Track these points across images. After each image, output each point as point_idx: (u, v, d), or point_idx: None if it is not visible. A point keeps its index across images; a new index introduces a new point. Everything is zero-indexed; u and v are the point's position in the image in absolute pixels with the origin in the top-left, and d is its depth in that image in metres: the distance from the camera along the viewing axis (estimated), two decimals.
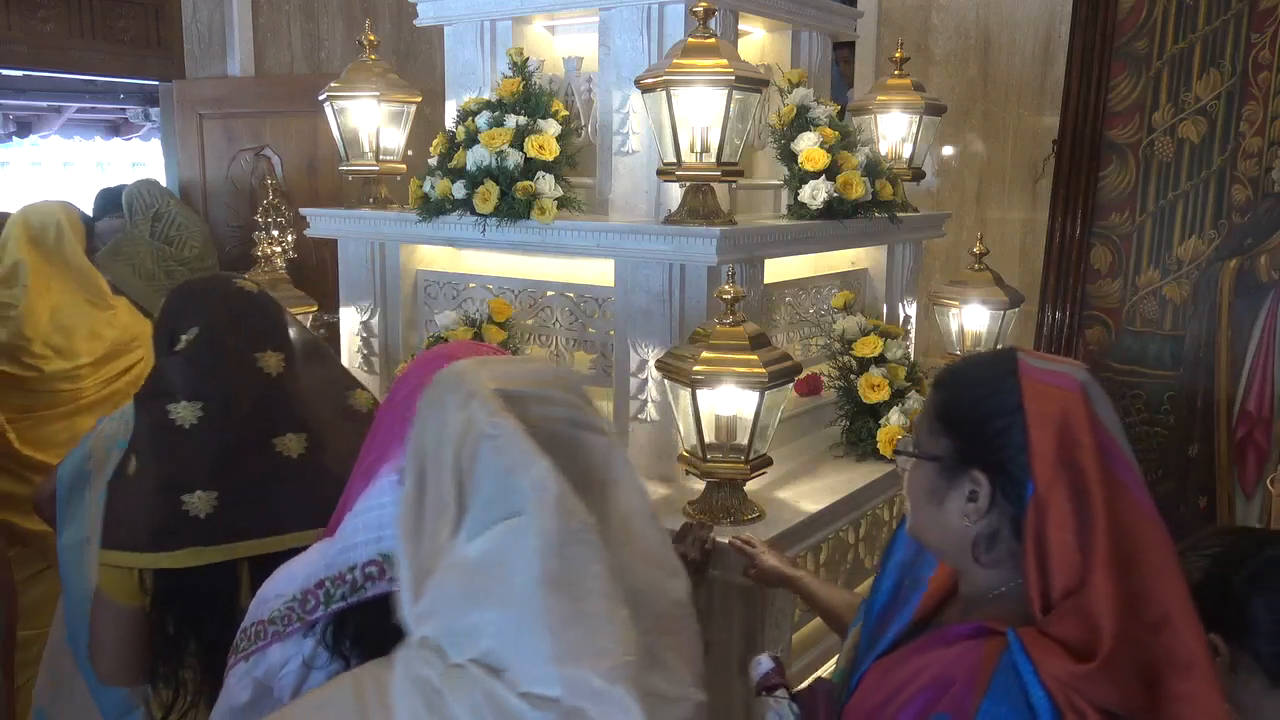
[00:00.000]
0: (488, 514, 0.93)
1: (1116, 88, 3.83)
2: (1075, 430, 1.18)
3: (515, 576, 0.90)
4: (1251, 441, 3.61)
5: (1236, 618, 1.39)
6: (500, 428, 0.95)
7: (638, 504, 1.04)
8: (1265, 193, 3.60)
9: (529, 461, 0.93)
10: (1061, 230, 3.92)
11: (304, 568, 1.31)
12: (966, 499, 1.24)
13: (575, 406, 1.04)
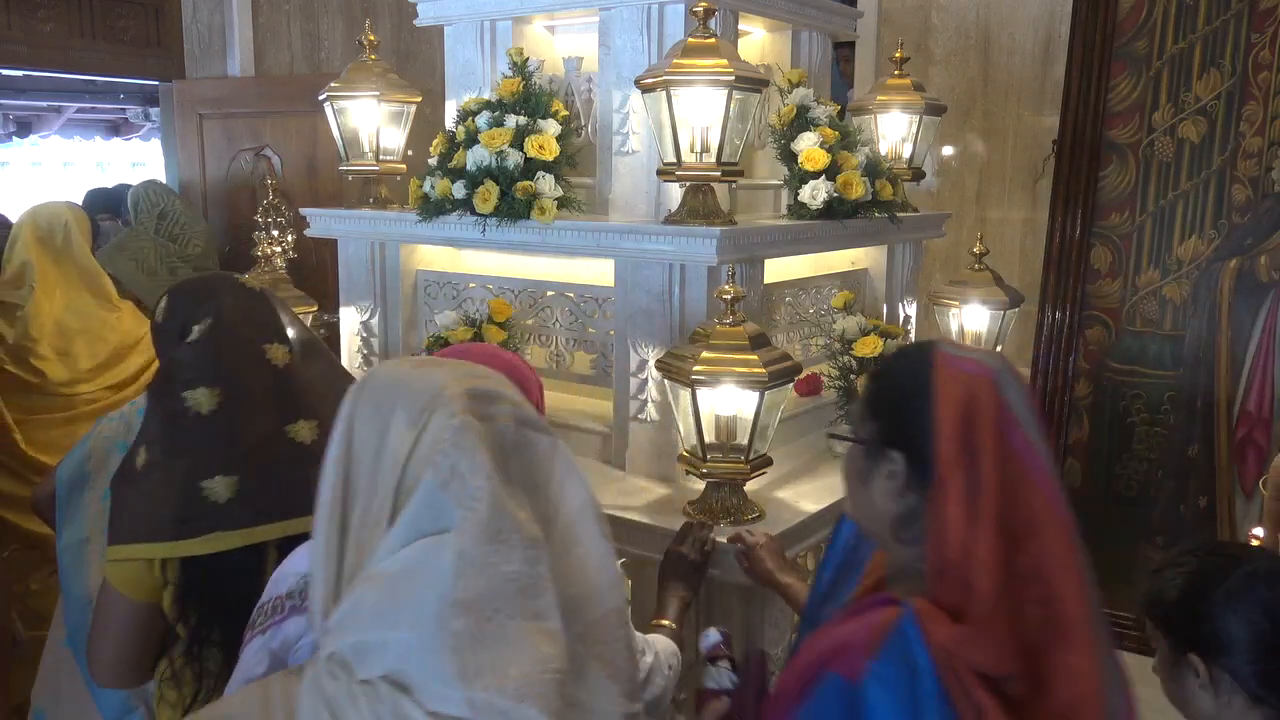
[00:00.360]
0: (415, 528, 0.93)
1: (1116, 88, 3.83)
2: (979, 413, 1.22)
3: (426, 595, 0.89)
4: (1251, 441, 3.61)
5: (1214, 637, 1.38)
6: (456, 433, 0.94)
7: (584, 504, 1.03)
8: (1265, 193, 3.60)
9: (471, 476, 0.92)
10: (1061, 230, 3.92)
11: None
12: (886, 479, 1.29)
13: (520, 405, 1.03)
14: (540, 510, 0.98)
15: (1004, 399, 1.23)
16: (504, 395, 1.01)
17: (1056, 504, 1.22)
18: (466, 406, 0.95)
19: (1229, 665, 1.37)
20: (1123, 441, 3.86)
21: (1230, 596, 1.38)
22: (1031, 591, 1.18)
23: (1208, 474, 3.67)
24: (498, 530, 0.92)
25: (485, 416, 0.96)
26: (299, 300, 3.18)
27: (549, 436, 1.03)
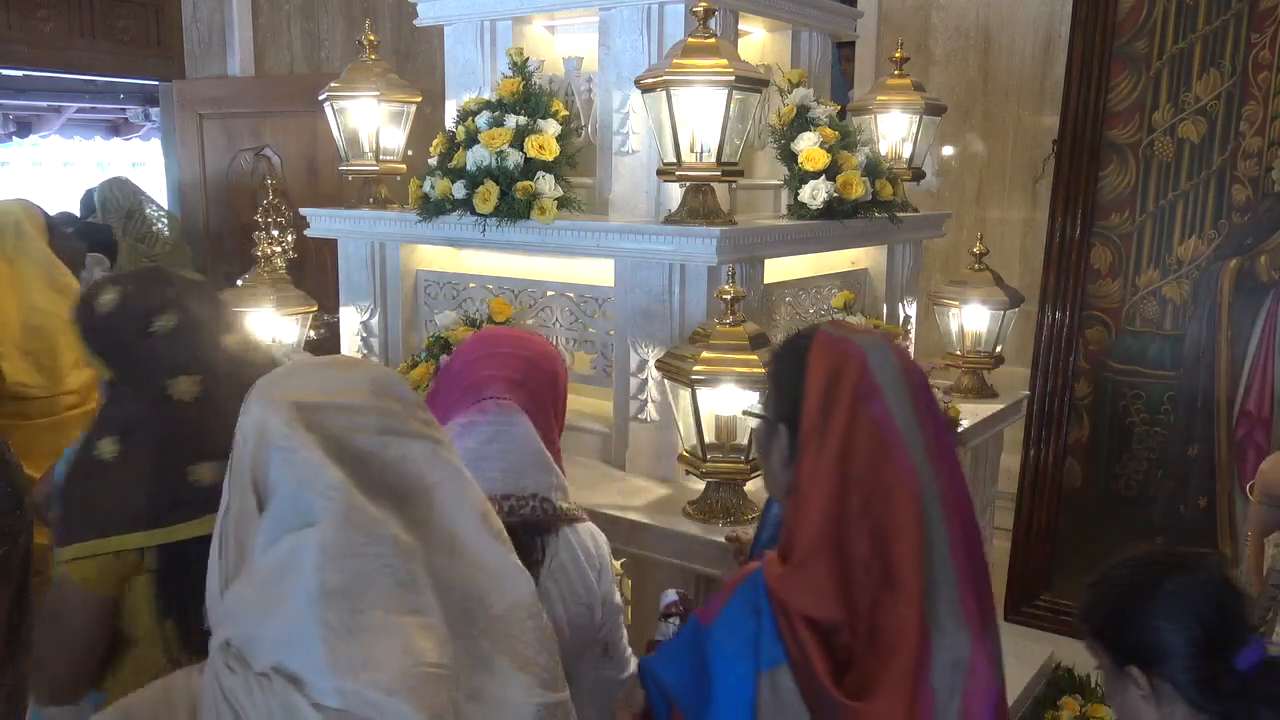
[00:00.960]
0: (280, 525, 0.94)
1: (1116, 88, 3.83)
2: (840, 383, 1.31)
3: (295, 589, 0.91)
4: (1251, 441, 3.61)
5: (1152, 648, 1.38)
6: (290, 440, 0.96)
7: (464, 508, 1.03)
8: (1265, 193, 3.60)
9: (318, 473, 0.94)
10: (1061, 230, 3.92)
11: None
12: (778, 451, 1.39)
13: (389, 414, 1.03)
14: (412, 515, 0.99)
15: (870, 373, 1.31)
16: (364, 406, 1.02)
17: (907, 475, 1.28)
18: (297, 417, 0.98)
19: (1168, 675, 1.36)
20: (1123, 441, 3.86)
21: (1165, 606, 1.37)
22: (867, 548, 1.26)
23: (1208, 474, 3.67)
24: (361, 521, 0.93)
25: (318, 427, 0.98)
26: (299, 300, 3.17)
27: (425, 443, 1.03)
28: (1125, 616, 1.41)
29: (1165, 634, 1.36)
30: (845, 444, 1.28)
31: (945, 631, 1.24)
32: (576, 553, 1.69)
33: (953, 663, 1.24)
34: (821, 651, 1.23)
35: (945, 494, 1.29)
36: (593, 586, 1.71)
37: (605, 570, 1.75)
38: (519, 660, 1.01)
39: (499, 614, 1.02)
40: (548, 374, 1.81)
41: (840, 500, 1.27)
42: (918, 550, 1.26)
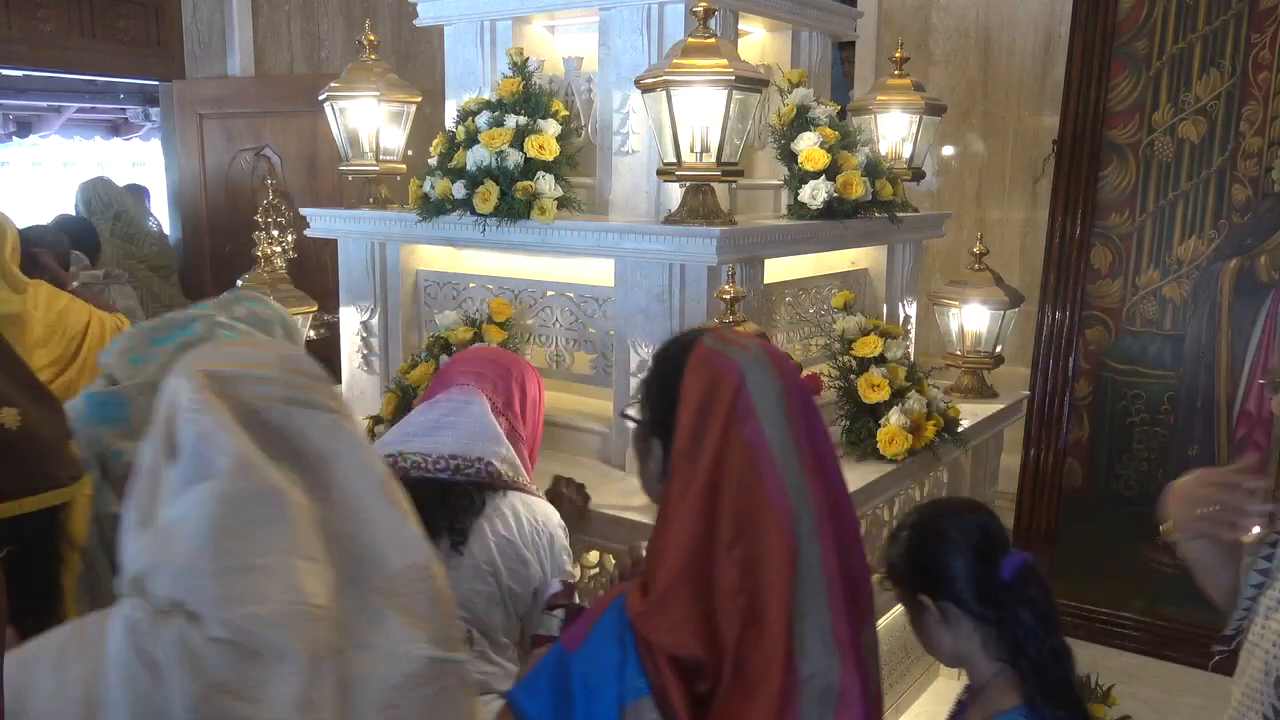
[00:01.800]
0: (185, 479, 1.04)
1: (1116, 88, 3.83)
2: (713, 407, 1.27)
3: (191, 533, 1.00)
4: (1251, 441, 3.62)
5: (937, 576, 1.57)
6: (199, 405, 1.06)
7: (364, 476, 1.11)
8: (1265, 193, 3.60)
9: (221, 434, 1.04)
10: (1061, 230, 3.93)
11: None
12: (652, 465, 1.38)
13: (295, 386, 1.12)
14: (312, 478, 1.08)
15: (746, 392, 1.28)
16: (273, 378, 1.12)
17: (778, 501, 1.25)
18: (207, 385, 1.07)
19: (952, 595, 1.55)
20: (1123, 441, 3.86)
21: (941, 538, 1.58)
22: (736, 578, 1.23)
23: None
24: (256, 476, 1.03)
25: (229, 394, 1.08)
26: (299, 300, 3.18)
27: (329, 415, 1.13)
28: (914, 554, 1.61)
29: (946, 560, 1.56)
30: (715, 470, 1.25)
31: (813, 660, 1.22)
32: (520, 515, 1.88)
33: (821, 692, 1.22)
34: (681, 688, 1.22)
35: (820, 515, 1.27)
36: (528, 549, 1.86)
37: (553, 541, 1.92)
38: (411, 617, 1.07)
39: (393, 574, 1.08)
40: (513, 376, 2.05)
41: (707, 530, 1.24)
42: (786, 580, 1.23)
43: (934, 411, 2.77)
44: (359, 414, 2.98)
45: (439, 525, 1.81)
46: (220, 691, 0.95)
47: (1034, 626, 1.51)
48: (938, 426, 2.75)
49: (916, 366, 2.92)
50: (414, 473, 1.85)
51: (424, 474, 1.85)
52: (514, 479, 1.92)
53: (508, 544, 1.85)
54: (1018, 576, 1.53)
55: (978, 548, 1.56)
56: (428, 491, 1.78)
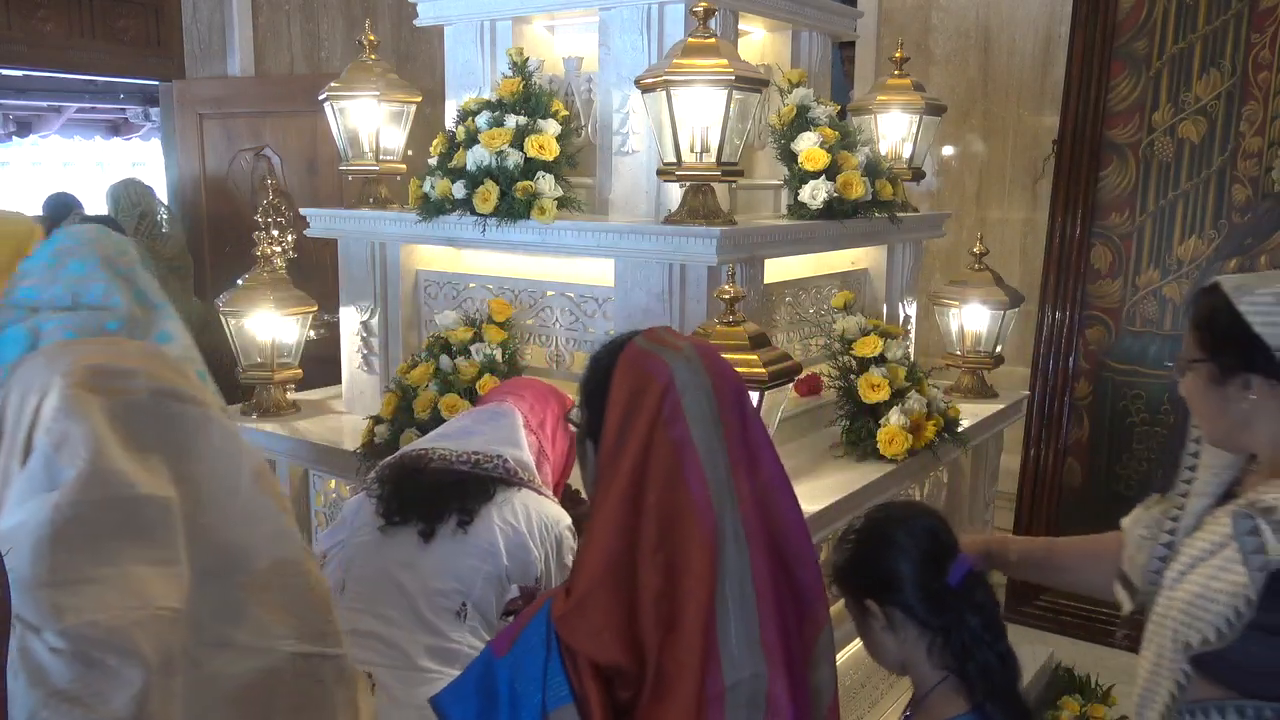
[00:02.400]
0: (30, 488, 1.03)
1: (1116, 88, 3.83)
2: (641, 409, 1.27)
3: (26, 547, 0.99)
4: None
5: (884, 581, 1.56)
6: (65, 404, 1.05)
7: (231, 469, 1.12)
8: (1265, 193, 3.60)
9: (76, 441, 1.03)
10: (1061, 230, 3.93)
11: None
12: (589, 469, 1.40)
13: (164, 379, 1.12)
14: (179, 471, 1.07)
15: (673, 394, 1.27)
16: (139, 371, 1.11)
17: (701, 505, 1.24)
18: (82, 380, 1.06)
19: (899, 602, 1.54)
20: (1123, 441, 3.86)
21: (889, 543, 1.57)
22: (659, 583, 1.22)
23: None
24: (105, 484, 1.01)
25: (103, 389, 1.07)
26: (299, 300, 3.17)
27: (197, 408, 1.13)
28: (861, 559, 1.60)
29: (894, 566, 1.55)
30: (639, 472, 1.24)
31: (738, 667, 1.21)
32: (530, 509, 1.93)
33: (748, 699, 1.21)
34: (601, 696, 1.21)
35: (749, 518, 1.25)
36: (534, 541, 1.89)
37: (561, 542, 1.95)
38: (277, 612, 1.08)
39: (260, 569, 1.09)
40: (550, 402, 2.15)
41: (629, 533, 1.23)
42: (706, 585, 1.21)
43: (934, 411, 2.77)
44: (359, 414, 2.98)
45: (450, 505, 1.88)
46: (61, 699, 0.95)
47: (981, 632, 1.51)
48: (938, 426, 2.75)
49: (916, 366, 2.92)
50: (436, 464, 1.94)
51: (446, 465, 1.94)
52: (529, 479, 1.98)
53: (513, 531, 1.89)
54: (964, 582, 1.54)
55: (926, 553, 1.55)
56: (444, 477, 1.92)
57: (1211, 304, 1.48)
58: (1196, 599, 1.38)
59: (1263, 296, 1.43)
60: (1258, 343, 1.40)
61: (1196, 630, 1.36)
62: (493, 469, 1.94)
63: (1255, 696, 1.36)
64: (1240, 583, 1.32)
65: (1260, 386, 1.42)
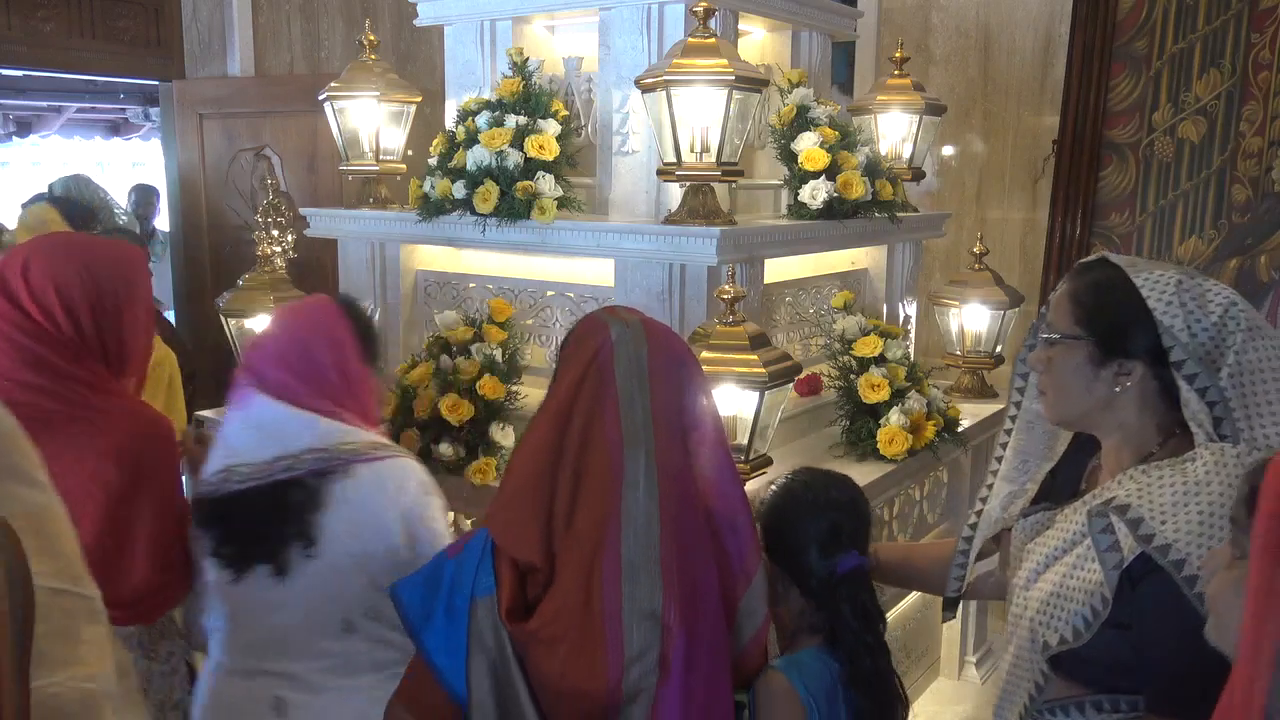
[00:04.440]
0: None
1: (1116, 88, 3.83)
2: (581, 353, 1.50)
3: None
4: None
5: (789, 547, 1.66)
6: None
7: None
8: (1265, 193, 3.60)
9: None
10: (1061, 230, 3.93)
11: None
12: None
13: None
14: None
15: (607, 349, 1.49)
16: None
17: (613, 440, 1.44)
18: None
19: (803, 566, 1.64)
20: None
21: (799, 517, 1.66)
22: (566, 495, 1.44)
23: None
24: None
25: None
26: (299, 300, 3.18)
27: None
28: (770, 528, 1.68)
29: (801, 530, 1.65)
30: (568, 403, 1.47)
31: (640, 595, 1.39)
32: (368, 497, 1.75)
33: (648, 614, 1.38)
34: (512, 586, 1.42)
35: (668, 474, 1.44)
36: (389, 518, 1.75)
37: (415, 504, 1.78)
38: (36, 554, 1.08)
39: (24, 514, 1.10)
40: (304, 352, 1.82)
41: (552, 452, 1.46)
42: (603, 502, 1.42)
43: (934, 411, 2.77)
44: None
45: (284, 532, 1.73)
46: None
47: (851, 619, 1.60)
48: (938, 426, 2.75)
49: (916, 366, 2.92)
50: (248, 483, 1.74)
51: (258, 482, 1.73)
52: (352, 451, 1.76)
53: (367, 529, 1.75)
54: (850, 575, 1.62)
55: (830, 532, 1.64)
56: (257, 503, 1.72)
57: (1104, 279, 1.44)
58: (1052, 598, 1.37)
59: (1164, 280, 1.38)
60: (1153, 328, 1.36)
61: (1054, 630, 1.36)
62: (304, 469, 1.73)
63: (1112, 691, 1.35)
64: (1096, 580, 1.31)
65: (1140, 373, 1.38)
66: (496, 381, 2.54)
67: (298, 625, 1.75)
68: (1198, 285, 1.39)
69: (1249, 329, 1.37)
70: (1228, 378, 1.35)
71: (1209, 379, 1.35)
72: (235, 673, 1.81)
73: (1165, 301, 1.37)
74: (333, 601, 1.75)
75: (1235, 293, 1.41)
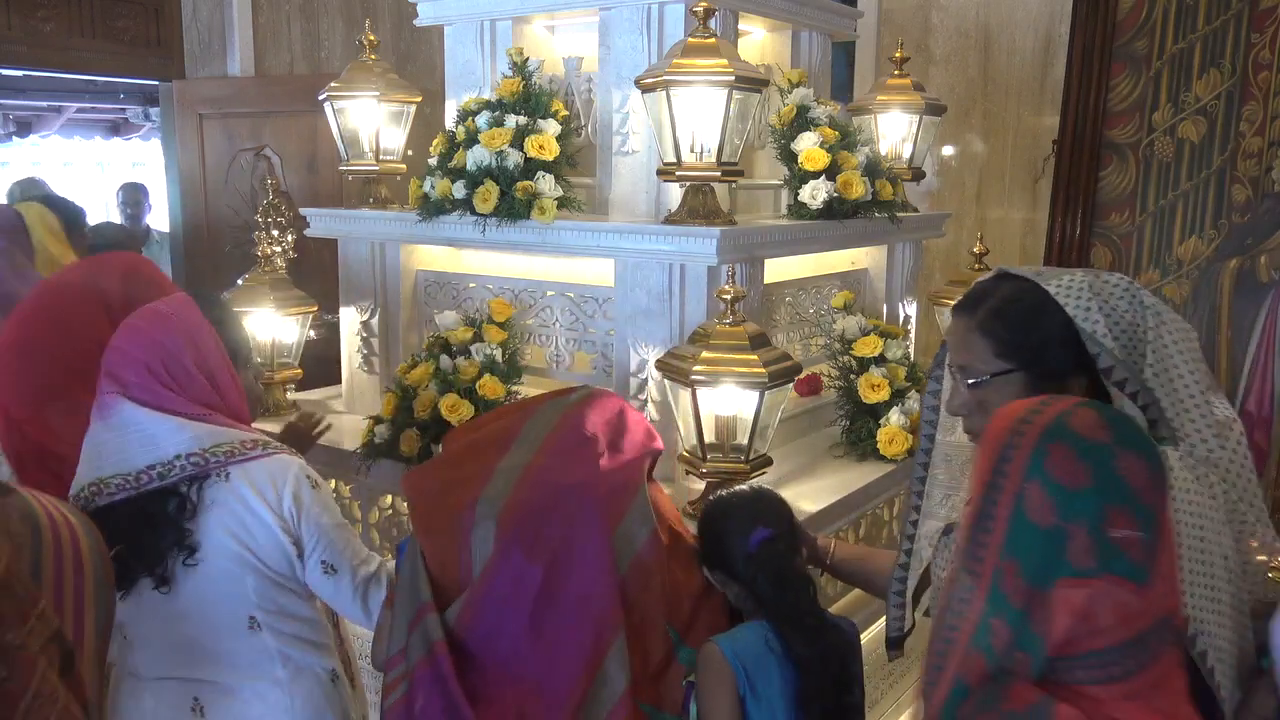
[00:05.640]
0: None
1: (1116, 88, 3.83)
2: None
3: None
4: (1251, 442, 3.61)
5: (718, 547, 1.80)
6: None
7: None
8: (1265, 193, 3.60)
9: None
10: (1061, 230, 3.92)
11: None
12: None
13: None
14: None
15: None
16: None
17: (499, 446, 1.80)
18: None
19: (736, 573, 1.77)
20: None
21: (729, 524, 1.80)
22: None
23: None
24: None
25: None
26: (299, 300, 3.17)
27: None
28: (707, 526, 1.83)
29: (722, 525, 1.81)
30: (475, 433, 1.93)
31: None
32: (244, 493, 1.72)
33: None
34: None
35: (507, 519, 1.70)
36: (268, 517, 1.73)
37: (296, 497, 1.76)
38: None
39: None
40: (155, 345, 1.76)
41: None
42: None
43: None
44: (359, 414, 2.98)
45: (161, 544, 1.69)
46: None
47: (768, 587, 1.72)
48: None
49: (916, 366, 2.92)
50: (119, 495, 1.69)
51: (129, 493, 1.69)
52: (229, 452, 1.73)
53: (248, 531, 1.73)
54: (760, 548, 1.75)
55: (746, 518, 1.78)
56: (132, 516, 1.68)
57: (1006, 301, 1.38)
58: None
59: (1077, 285, 1.34)
60: (1075, 336, 1.33)
61: None
62: (177, 476, 1.69)
63: None
64: None
65: (1080, 389, 1.34)
66: (496, 382, 2.54)
67: (201, 631, 1.74)
68: (1103, 282, 1.36)
69: (1156, 313, 1.34)
70: (1151, 374, 1.32)
71: (1136, 383, 1.32)
72: (148, 681, 1.79)
73: (1084, 307, 1.33)
74: (228, 602, 1.73)
75: (1127, 278, 1.36)
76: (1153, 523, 1.14)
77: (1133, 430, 1.19)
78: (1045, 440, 1.14)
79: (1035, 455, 1.13)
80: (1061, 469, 1.12)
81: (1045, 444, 1.14)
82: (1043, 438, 1.14)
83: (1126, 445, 1.14)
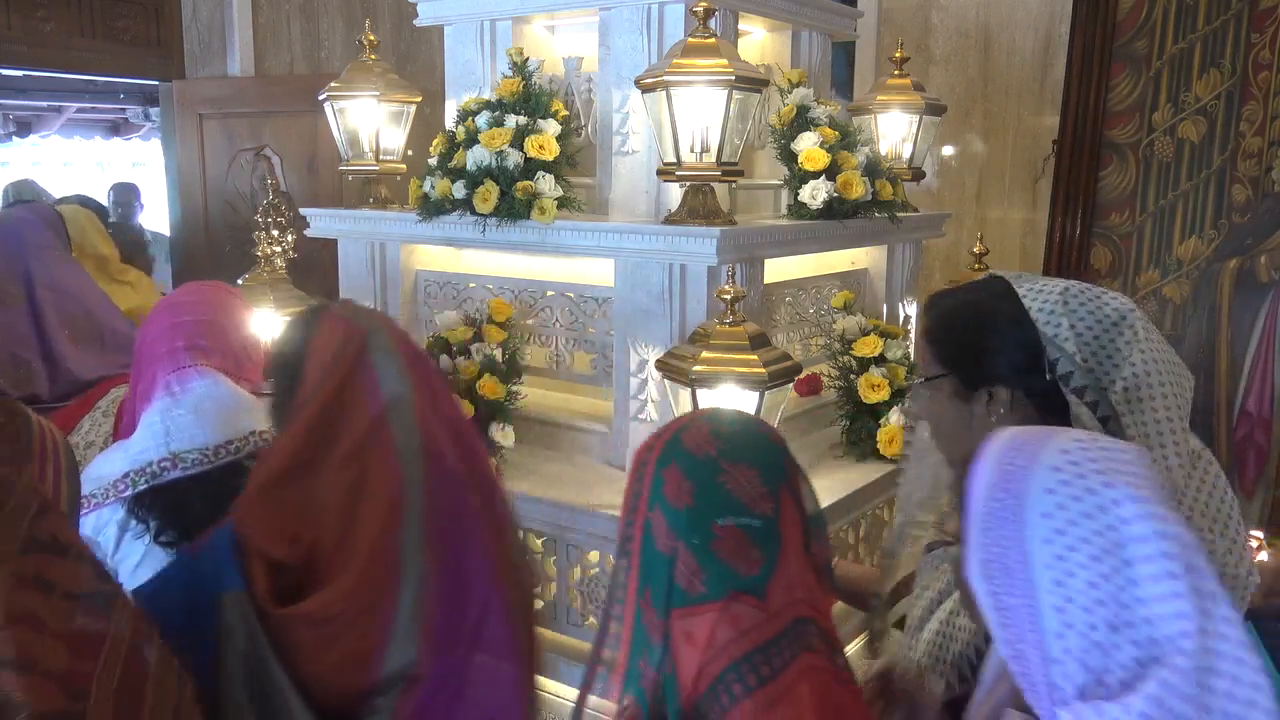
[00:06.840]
0: None
1: (1116, 88, 3.83)
2: (341, 360, 1.34)
3: None
4: (1251, 441, 3.61)
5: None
6: None
7: None
8: (1265, 193, 3.60)
9: None
10: (1061, 230, 3.92)
11: (113, 463, 1.70)
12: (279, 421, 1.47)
13: None
14: None
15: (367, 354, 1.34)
16: None
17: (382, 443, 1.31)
18: None
19: None
20: None
21: None
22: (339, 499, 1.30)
23: None
24: None
25: None
26: (299, 300, 3.17)
27: None
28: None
29: None
30: (335, 399, 1.32)
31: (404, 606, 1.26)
32: None
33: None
34: (269, 584, 1.27)
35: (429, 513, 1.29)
36: None
37: None
38: None
39: None
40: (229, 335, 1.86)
41: (316, 444, 1.31)
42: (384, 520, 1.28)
43: None
44: None
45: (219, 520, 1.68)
46: None
47: None
48: None
49: (916, 366, 2.91)
50: (196, 469, 1.69)
51: (205, 468, 1.69)
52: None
53: None
54: None
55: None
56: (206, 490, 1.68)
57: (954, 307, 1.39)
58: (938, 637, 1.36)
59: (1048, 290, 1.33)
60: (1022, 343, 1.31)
61: (940, 674, 1.33)
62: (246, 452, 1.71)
63: None
64: (972, 628, 1.28)
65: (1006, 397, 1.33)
66: (496, 382, 2.54)
67: None
68: (1088, 293, 1.34)
69: (1146, 340, 1.30)
70: (1122, 393, 1.28)
71: (1096, 393, 1.28)
72: None
73: (1048, 311, 1.31)
74: None
75: (1131, 302, 1.34)
76: (771, 533, 1.11)
77: (748, 437, 1.16)
78: (661, 463, 1.12)
79: (655, 479, 1.12)
80: (672, 490, 1.10)
81: (661, 468, 1.12)
82: (660, 460, 1.13)
83: (735, 457, 1.11)
